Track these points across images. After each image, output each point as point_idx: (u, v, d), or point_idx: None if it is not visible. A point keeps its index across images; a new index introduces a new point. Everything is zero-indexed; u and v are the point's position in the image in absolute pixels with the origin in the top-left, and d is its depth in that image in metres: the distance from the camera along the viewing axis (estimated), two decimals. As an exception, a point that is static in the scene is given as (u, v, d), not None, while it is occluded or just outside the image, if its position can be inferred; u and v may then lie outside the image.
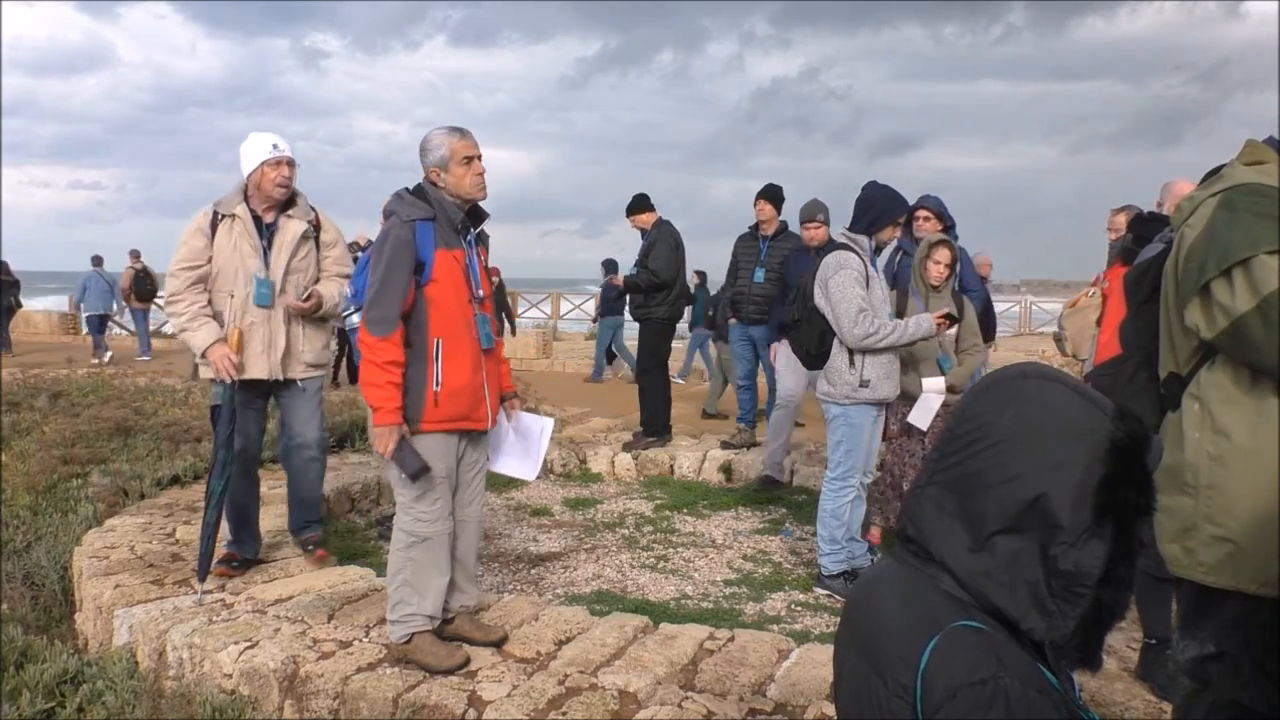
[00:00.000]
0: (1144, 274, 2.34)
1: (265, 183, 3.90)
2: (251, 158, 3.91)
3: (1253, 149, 1.98)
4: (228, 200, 3.95)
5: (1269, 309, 1.74)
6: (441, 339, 3.09)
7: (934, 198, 5.51)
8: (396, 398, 3.03)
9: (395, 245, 3.04)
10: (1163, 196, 4.08)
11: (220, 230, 3.91)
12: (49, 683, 3.19)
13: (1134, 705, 3.01)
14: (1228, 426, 1.89)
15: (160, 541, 4.47)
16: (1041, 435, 1.11)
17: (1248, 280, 1.78)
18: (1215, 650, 1.95)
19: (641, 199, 7.17)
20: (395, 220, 3.09)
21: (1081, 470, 1.09)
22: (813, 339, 4.25)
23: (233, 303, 3.90)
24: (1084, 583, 1.09)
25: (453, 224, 3.14)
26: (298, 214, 4.05)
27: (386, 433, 3.02)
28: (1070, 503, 1.08)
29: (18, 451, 6.74)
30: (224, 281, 3.92)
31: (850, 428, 4.23)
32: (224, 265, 3.91)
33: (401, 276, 3.03)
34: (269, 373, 3.96)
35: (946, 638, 1.07)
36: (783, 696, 2.99)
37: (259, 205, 3.96)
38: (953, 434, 1.18)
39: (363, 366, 3.09)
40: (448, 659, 3.13)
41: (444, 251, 3.09)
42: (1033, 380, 1.16)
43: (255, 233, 3.94)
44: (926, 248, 4.69)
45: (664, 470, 6.78)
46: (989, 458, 1.13)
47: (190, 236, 3.91)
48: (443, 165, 3.13)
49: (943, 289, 4.67)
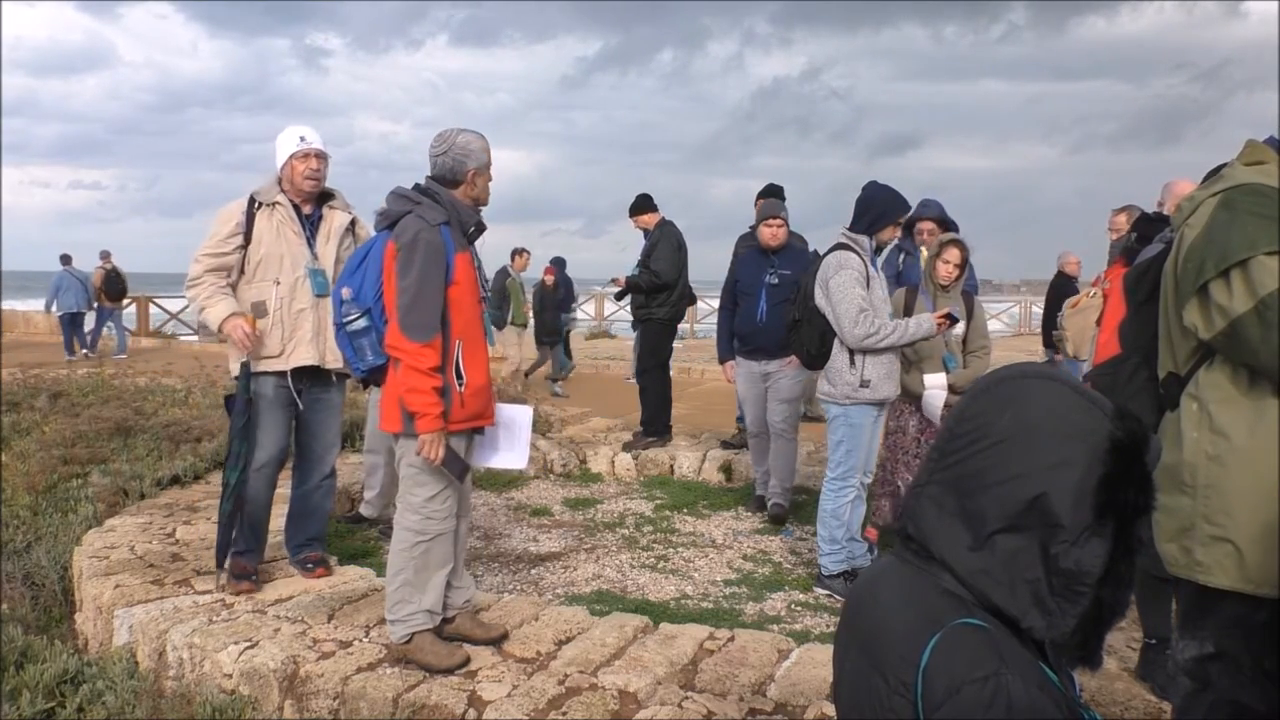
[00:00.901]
0: (1144, 274, 2.34)
1: (295, 175, 3.90)
2: (282, 150, 3.92)
3: (1253, 149, 1.98)
4: (266, 190, 3.92)
5: (1266, 310, 1.74)
6: (462, 340, 3.11)
7: (935, 204, 5.49)
8: (440, 403, 3.03)
9: (429, 250, 3.02)
10: (1164, 196, 4.08)
11: (260, 218, 3.87)
12: (49, 683, 3.19)
13: (1134, 705, 3.01)
14: (1226, 426, 1.89)
15: (160, 541, 4.47)
16: (1041, 435, 1.11)
17: (1245, 281, 1.78)
18: (1215, 650, 1.95)
19: (645, 199, 7.17)
20: (422, 224, 3.05)
21: (1081, 469, 1.09)
22: (813, 339, 4.26)
23: (278, 290, 3.85)
24: (1084, 581, 1.09)
25: (464, 227, 3.16)
26: (339, 205, 4.07)
27: (435, 439, 3.03)
28: (1070, 502, 1.09)
29: (18, 451, 6.74)
30: (268, 269, 3.87)
31: (850, 428, 4.23)
32: (268, 253, 3.86)
33: (438, 281, 3.03)
34: (318, 358, 3.91)
35: (947, 635, 1.08)
36: (783, 696, 2.99)
37: (294, 198, 3.95)
38: (953, 433, 1.18)
39: (404, 373, 3.03)
40: (448, 658, 3.14)
41: (460, 254, 3.12)
42: (1033, 380, 1.16)
43: (298, 221, 3.93)
44: (938, 247, 4.72)
45: (664, 470, 6.78)
46: (989, 457, 1.13)
47: (220, 224, 3.87)
48: (481, 170, 3.19)
49: (952, 289, 4.67)
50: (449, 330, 3.08)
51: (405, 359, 3.02)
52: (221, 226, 3.86)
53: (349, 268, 3.24)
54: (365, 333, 3.15)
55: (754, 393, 5.65)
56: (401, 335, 3.01)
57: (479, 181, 3.19)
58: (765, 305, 5.43)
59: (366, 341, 3.15)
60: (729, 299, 5.81)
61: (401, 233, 3.07)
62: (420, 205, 3.10)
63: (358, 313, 3.13)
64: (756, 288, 5.51)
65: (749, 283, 5.58)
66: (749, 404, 5.75)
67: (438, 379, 3.03)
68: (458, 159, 3.14)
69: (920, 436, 4.72)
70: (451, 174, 3.15)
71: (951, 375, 4.61)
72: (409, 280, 3.00)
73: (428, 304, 3.01)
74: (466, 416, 3.15)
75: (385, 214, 3.18)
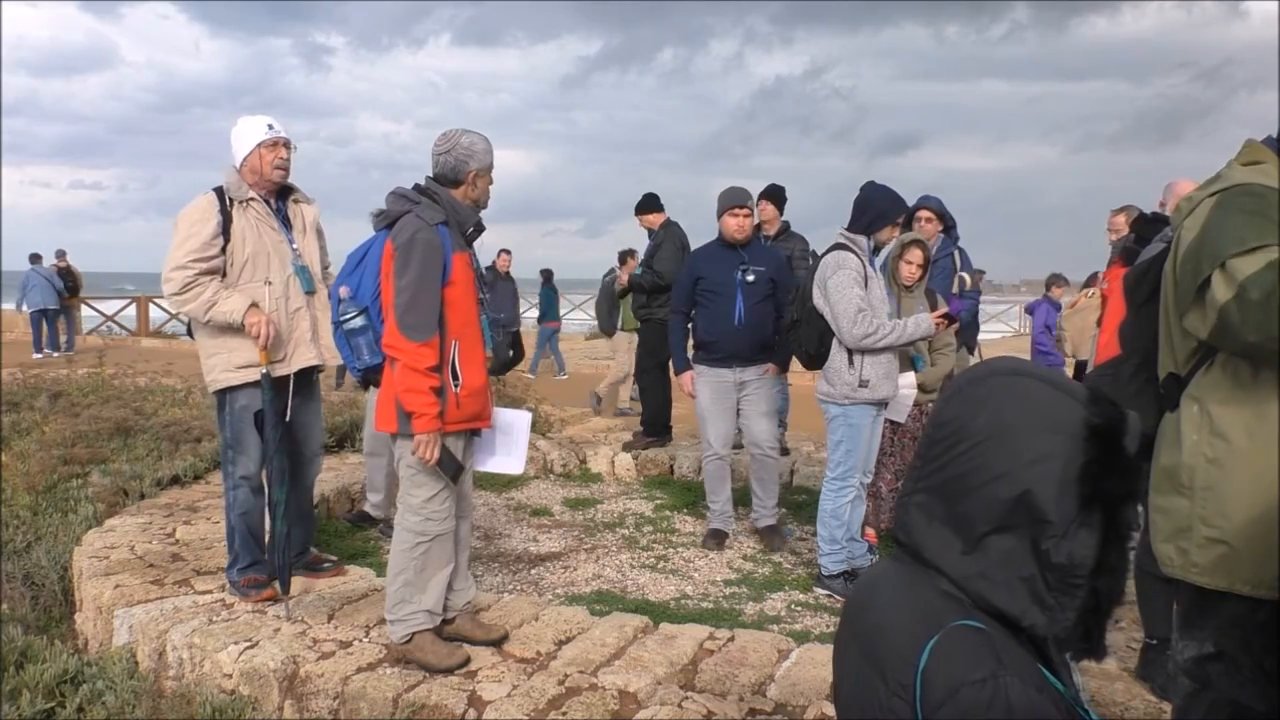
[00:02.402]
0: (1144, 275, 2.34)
1: (264, 165, 3.69)
2: (247, 140, 3.69)
3: (1251, 149, 1.99)
4: (235, 186, 3.68)
5: (1244, 291, 1.74)
6: (459, 341, 3.10)
7: (934, 198, 5.53)
8: (438, 404, 3.02)
9: (427, 249, 3.01)
10: (1165, 197, 4.08)
11: (236, 217, 3.64)
12: (49, 683, 3.19)
13: (1134, 705, 3.01)
14: (1226, 428, 1.89)
15: (160, 541, 4.47)
16: (1018, 431, 1.11)
17: (1226, 275, 1.78)
18: (1214, 650, 1.95)
19: (651, 199, 7.16)
20: (420, 224, 3.04)
21: (1062, 461, 1.09)
22: (812, 339, 4.26)
23: (271, 290, 3.67)
24: (1078, 573, 1.09)
25: (463, 228, 3.16)
26: (303, 198, 3.92)
27: (430, 439, 3.03)
28: (1055, 495, 1.09)
29: (18, 451, 6.74)
30: (257, 269, 3.67)
31: (850, 428, 4.23)
32: (254, 252, 3.66)
33: (435, 281, 3.02)
34: (319, 358, 3.79)
35: (946, 637, 1.08)
36: (783, 696, 3.00)
37: (259, 191, 3.73)
38: (931, 439, 1.19)
39: (401, 373, 3.01)
40: (448, 658, 3.14)
41: (459, 255, 3.11)
42: (1002, 377, 1.16)
43: (274, 216, 3.75)
44: (899, 247, 4.64)
45: (664, 470, 6.78)
46: (970, 460, 1.13)
47: (199, 225, 3.59)
48: (483, 172, 3.18)
49: (915, 289, 4.67)
50: (445, 330, 3.07)
51: (403, 358, 3.01)
52: (201, 228, 3.59)
53: (347, 266, 3.22)
54: (363, 331, 3.16)
55: (723, 406, 4.96)
56: (399, 335, 3.01)
57: (479, 183, 3.19)
58: (742, 306, 4.85)
59: (364, 340, 3.16)
60: (684, 303, 5.07)
61: (399, 232, 3.06)
62: (419, 205, 3.10)
63: (355, 311, 3.13)
64: (729, 287, 4.88)
65: (718, 281, 4.92)
66: (715, 419, 4.97)
67: (435, 379, 3.02)
68: (460, 159, 3.14)
69: (895, 436, 4.76)
70: (453, 174, 3.15)
71: (920, 374, 4.60)
72: (406, 280, 3.00)
73: (425, 304, 3.01)
74: (463, 418, 3.14)
75: (385, 214, 3.17)
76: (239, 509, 3.79)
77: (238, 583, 3.78)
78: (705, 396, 4.99)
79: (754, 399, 4.95)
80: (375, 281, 3.14)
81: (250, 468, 3.76)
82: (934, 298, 4.79)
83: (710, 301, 4.95)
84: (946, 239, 5.57)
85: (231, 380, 3.69)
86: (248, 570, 3.81)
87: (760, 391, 4.95)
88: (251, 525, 3.81)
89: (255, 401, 3.66)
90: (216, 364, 3.70)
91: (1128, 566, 1.13)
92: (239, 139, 3.74)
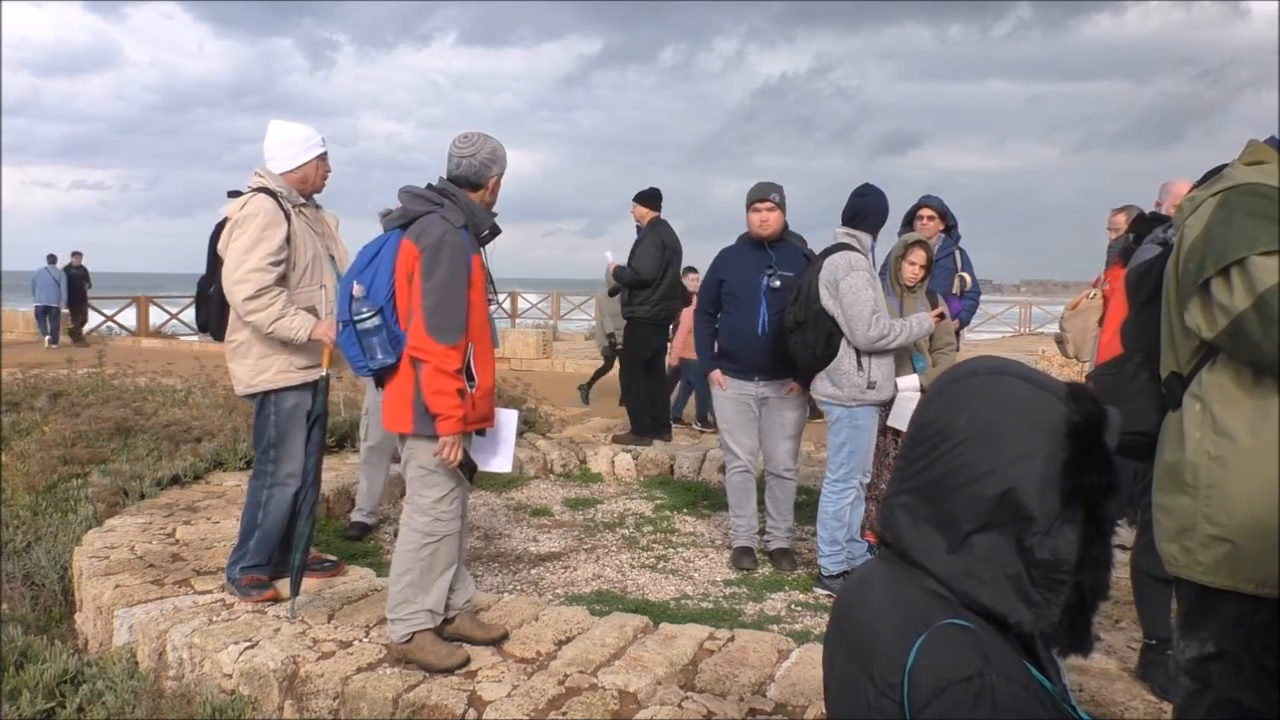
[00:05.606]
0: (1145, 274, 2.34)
1: (318, 177, 3.85)
2: (305, 150, 3.78)
3: (1254, 149, 1.99)
4: (289, 192, 3.75)
5: (1265, 305, 1.75)
6: (475, 343, 3.09)
7: (936, 197, 5.54)
8: (463, 405, 3.02)
9: (455, 252, 3.01)
10: (1161, 196, 4.08)
11: (294, 220, 3.72)
12: (49, 683, 3.19)
13: (1134, 705, 3.01)
14: (1229, 427, 1.89)
15: (160, 541, 4.47)
16: (1000, 430, 1.12)
17: (1245, 279, 1.79)
18: (1215, 650, 1.95)
19: (652, 193, 7.20)
20: (448, 226, 3.02)
21: (1044, 458, 1.10)
22: (819, 341, 4.19)
23: (325, 294, 3.75)
24: (1063, 569, 1.10)
25: (478, 230, 3.16)
26: (321, 205, 4.00)
27: (454, 441, 3.03)
28: (1037, 492, 1.10)
29: (18, 451, 6.74)
30: (313, 274, 3.77)
31: (855, 429, 4.22)
32: (312, 257, 3.77)
33: (464, 284, 3.02)
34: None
35: (933, 636, 1.09)
36: (783, 696, 3.00)
37: (299, 199, 3.82)
38: (915, 440, 1.20)
39: (430, 375, 2.97)
40: (448, 658, 3.14)
41: (476, 257, 3.13)
42: (982, 377, 1.18)
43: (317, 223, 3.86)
44: (902, 248, 4.64)
45: (664, 470, 6.78)
46: (953, 460, 1.14)
47: (271, 230, 3.61)
48: (499, 177, 3.22)
49: (917, 289, 4.66)
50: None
51: (432, 360, 2.96)
52: (273, 231, 3.62)
53: (359, 264, 3.15)
54: (376, 331, 3.06)
55: (745, 419, 4.69)
56: (428, 337, 2.96)
57: (495, 189, 3.23)
58: (766, 315, 4.51)
59: (377, 340, 3.06)
60: (710, 304, 4.79)
61: (424, 233, 3.01)
62: (442, 207, 3.08)
63: (370, 311, 3.04)
64: (753, 292, 4.55)
65: (742, 286, 4.59)
66: (739, 432, 4.70)
67: (461, 381, 3.02)
68: (484, 163, 3.15)
69: (899, 440, 4.75)
70: (476, 177, 3.15)
71: (923, 376, 4.57)
72: (435, 282, 2.97)
73: (455, 306, 2.99)
74: (477, 418, 3.15)
75: (403, 213, 3.11)
76: (274, 509, 3.78)
77: (239, 581, 3.76)
78: (728, 409, 4.73)
79: (777, 420, 4.65)
80: (389, 281, 3.07)
81: (295, 466, 3.78)
82: (934, 298, 4.80)
83: (733, 307, 4.65)
84: (947, 238, 5.58)
85: (290, 380, 3.72)
86: (251, 570, 3.79)
87: (783, 412, 4.64)
88: (280, 526, 3.81)
89: (306, 402, 3.75)
90: (272, 364, 3.71)
91: (1111, 561, 1.14)
92: (293, 146, 3.78)
